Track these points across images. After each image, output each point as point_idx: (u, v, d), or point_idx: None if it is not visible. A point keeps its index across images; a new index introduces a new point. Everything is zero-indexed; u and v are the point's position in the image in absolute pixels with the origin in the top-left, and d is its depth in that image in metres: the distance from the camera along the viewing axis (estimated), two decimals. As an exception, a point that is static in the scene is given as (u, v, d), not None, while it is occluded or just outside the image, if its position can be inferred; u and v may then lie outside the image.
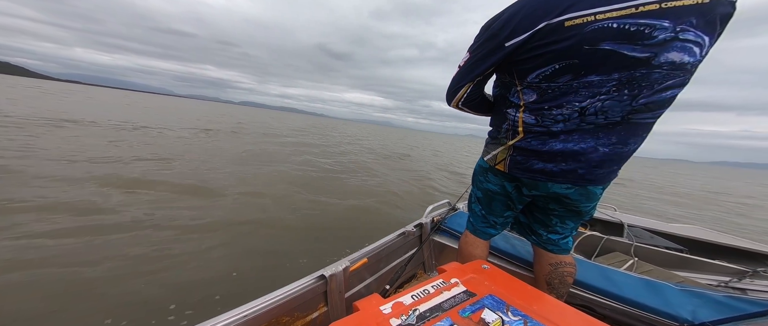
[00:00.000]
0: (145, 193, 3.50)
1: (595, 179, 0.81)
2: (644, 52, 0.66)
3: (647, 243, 1.83)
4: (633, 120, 0.73)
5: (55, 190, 3.22)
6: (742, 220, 6.89)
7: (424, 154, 14.95)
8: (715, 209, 8.26)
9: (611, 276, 1.18)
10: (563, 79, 0.73)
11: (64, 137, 6.18)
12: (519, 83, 0.82)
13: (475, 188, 1.14)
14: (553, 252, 1.05)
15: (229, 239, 2.64)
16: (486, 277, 0.78)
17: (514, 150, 0.89)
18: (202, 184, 4.11)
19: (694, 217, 6.56)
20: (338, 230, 3.16)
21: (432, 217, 1.74)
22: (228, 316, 0.77)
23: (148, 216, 2.86)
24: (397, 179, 6.45)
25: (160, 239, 2.48)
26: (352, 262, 1.13)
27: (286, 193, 4.23)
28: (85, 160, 4.59)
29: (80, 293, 1.77)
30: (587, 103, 0.73)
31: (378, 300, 0.68)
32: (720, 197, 11.77)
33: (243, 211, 3.34)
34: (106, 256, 2.14)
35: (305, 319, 0.97)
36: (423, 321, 0.62)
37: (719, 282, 1.59)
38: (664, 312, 0.96)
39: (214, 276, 2.08)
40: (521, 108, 0.83)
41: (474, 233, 1.15)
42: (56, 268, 1.95)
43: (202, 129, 11.16)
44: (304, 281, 0.97)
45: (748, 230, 5.64)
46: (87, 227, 2.52)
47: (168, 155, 5.67)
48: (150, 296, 1.81)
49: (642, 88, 0.70)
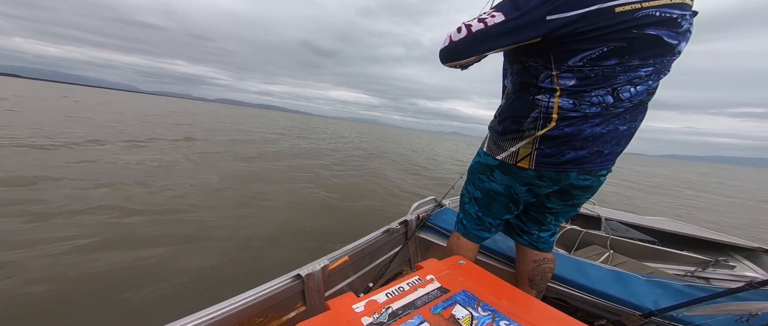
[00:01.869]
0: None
1: (613, 158, 0.85)
2: (675, 40, 0.71)
3: (622, 236, 1.91)
4: (646, 101, 0.80)
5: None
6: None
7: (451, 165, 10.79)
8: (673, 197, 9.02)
9: (585, 269, 1.22)
10: (609, 62, 0.72)
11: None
12: (555, 68, 0.76)
13: (472, 188, 1.06)
14: (541, 250, 1.06)
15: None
16: (461, 273, 0.79)
17: (542, 142, 0.82)
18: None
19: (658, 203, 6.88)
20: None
21: (417, 214, 1.75)
22: (192, 319, 0.75)
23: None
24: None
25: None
26: (331, 260, 1.12)
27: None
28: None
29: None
30: (621, 86, 0.74)
31: (351, 299, 0.67)
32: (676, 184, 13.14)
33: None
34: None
35: (281, 319, 0.96)
36: (395, 319, 0.62)
37: (686, 272, 1.68)
38: (629, 302, 1.01)
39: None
40: (557, 93, 0.78)
41: (466, 236, 1.08)
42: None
43: (131, 142, 6.72)
44: (279, 281, 0.95)
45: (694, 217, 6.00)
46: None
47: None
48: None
49: (662, 73, 0.76)
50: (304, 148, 10.20)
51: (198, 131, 10.74)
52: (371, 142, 18.32)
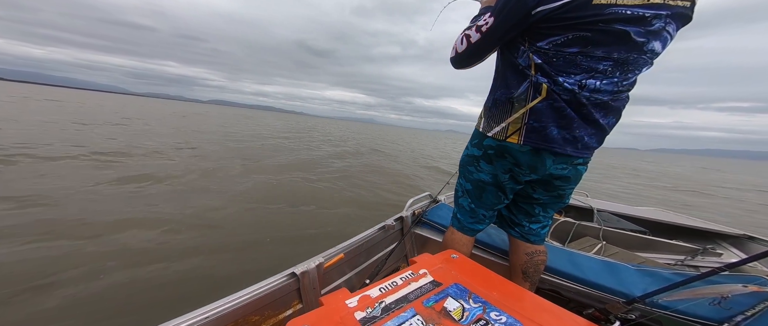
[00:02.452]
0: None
1: (590, 148, 0.87)
2: (643, 38, 0.72)
3: (614, 227, 1.94)
4: (616, 100, 0.81)
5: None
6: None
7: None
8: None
9: (577, 261, 1.24)
10: (571, 49, 0.75)
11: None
12: (528, 45, 0.81)
13: (463, 181, 1.10)
14: (533, 243, 1.08)
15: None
16: (453, 266, 0.80)
17: (531, 115, 0.84)
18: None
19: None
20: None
21: (413, 210, 1.76)
22: (188, 317, 0.75)
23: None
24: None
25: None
26: (326, 258, 1.12)
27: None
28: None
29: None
30: (584, 78, 0.76)
31: (345, 295, 0.68)
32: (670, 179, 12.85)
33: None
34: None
35: (277, 317, 0.97)
36: (387, 313, 0.63)
37: (676, 261, 1.72)
38: (618, 291, 1.03)
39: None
40: (532, 68, 0.82)
41: (461, 230, 1.11)
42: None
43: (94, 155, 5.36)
44: (274, 279, 0.96)
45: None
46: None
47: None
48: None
49: (629, 71, 0.77)
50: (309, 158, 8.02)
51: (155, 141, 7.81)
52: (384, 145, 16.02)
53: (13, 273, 1.95)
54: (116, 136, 8.29)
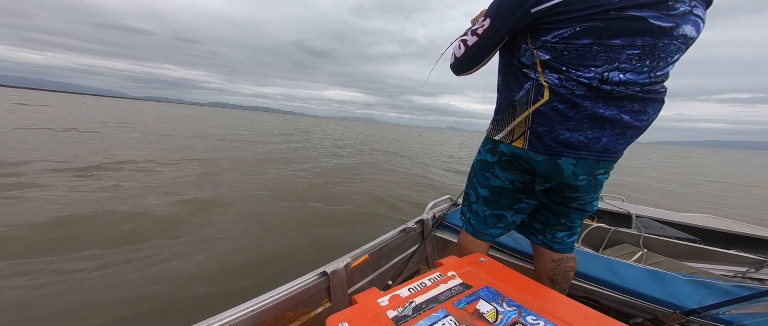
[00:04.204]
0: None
1: (616, 150, 0.78)
2: (668, 22, 0.66)
3: (657, 234, 1.79)
4: (649, 92, 0.73)
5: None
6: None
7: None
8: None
9: (615, 268, 1.16)
10: (582, 41, 0.70)
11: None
12: (531, 42, 0.76)
13: (479, 187, 1.03)
14: (558, 251, 1.01)
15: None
16: (482, 269, 0.79)
17: (534, 119, 0.79)
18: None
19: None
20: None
21: (433, 213, 1.75)
22: (235, 311, 0.81)
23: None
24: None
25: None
26: (353, 258, 1.15)
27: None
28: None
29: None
30: (606, 71, 0.69)
31: (376, 294, 0.69)
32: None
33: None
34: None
35: (310, 314, 1.00)
36: (419, 312, 0.63)
37: (736, 273, 1.55)
38: (668, 302, 0.95)
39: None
40: (538, 67, 0.76)
41: (475, 235, 1.06)
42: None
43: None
44: (307, 277, 1.00)
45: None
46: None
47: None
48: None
49: (660, 59, 0.70)
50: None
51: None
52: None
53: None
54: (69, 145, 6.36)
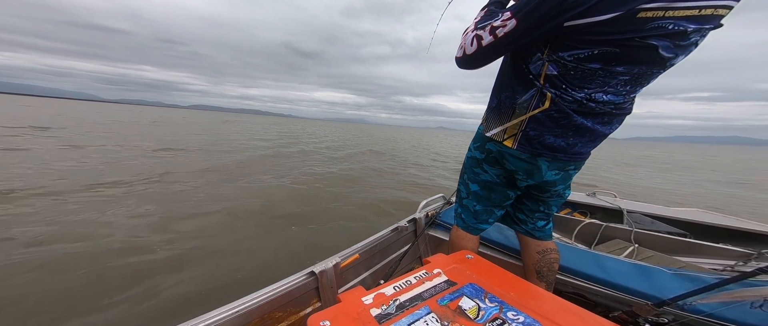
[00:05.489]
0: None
1: (585, 154, 0.88)
2: (671, 53, 0.65)
3: (647, 229, 1.81)
4: (619, 109, 0.79)
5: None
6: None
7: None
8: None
9: (604, 263, 1.18)
10: (593, 65, 0.69)
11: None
12: (547, 54, 0.75)
13: (470, 183, 1.07)
14: (540, 239, 1.07)
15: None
16: (468, 266, 0.80)
17: (529, 124, 0.82)
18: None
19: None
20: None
21: (426, 212, 1.76)
22: (221, 311, 0.80)
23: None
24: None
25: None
26: (342, 258, 1.15)
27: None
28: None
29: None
30: (595, 92, 0.73)
31: (361, 292, 0.70)
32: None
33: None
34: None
35: (298, 315, 1.00)
36: (402, 310, 0.64)
37: (724, 267, 1.57)
38: (651, 295, 0.96)
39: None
40: (542, 77, 0.78)
41: (466, 230, 1.11)
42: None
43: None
44: (294, 277, 1.00)
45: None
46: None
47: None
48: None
49: (640, 84, 0.74)
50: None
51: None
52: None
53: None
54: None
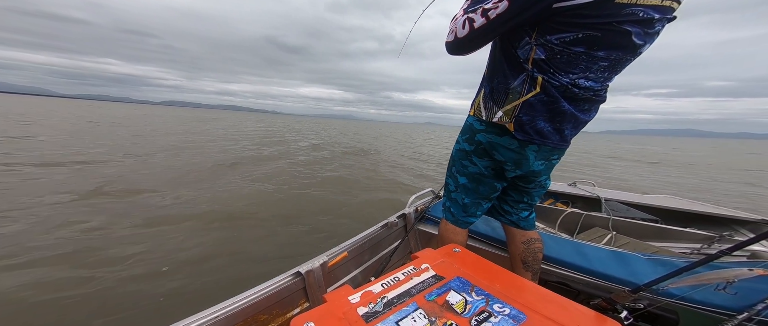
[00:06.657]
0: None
1: (567, 143, 0.91)
2: (641, 40, 0.71)
3: (624, 216, 1.90)
4: (598, 96, 0.83)
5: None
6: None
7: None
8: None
9: (585, 251, 1.22)
10: (578, 48, 0.72)
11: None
12: (535, 38, 0.76)
13: (459, 176, 1.07)
14: (525, 228, 1.11)
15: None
16: (455, 260, 0.80)
17: (522, 108, 0.83)
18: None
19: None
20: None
21: (416, 206, 1.76)
22: (203, 315, 0.77)
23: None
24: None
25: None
26: (330, 257, 1.13)
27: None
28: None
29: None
30: (579, 77, 0.76)
31: (347, 291, 0.69)
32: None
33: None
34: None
35: (285, 316, 0.98)
36: (390, 307, 0.63)
37: (692, 250, 1.67)
38: (627, 281, 1.01)
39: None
40: (530, 62, 0.79)
41: (455, 223, 1.11)
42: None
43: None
44: (280, 278, 0.97)
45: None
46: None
47: None
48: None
49: (615, 72, 0.78)
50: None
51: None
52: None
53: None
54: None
